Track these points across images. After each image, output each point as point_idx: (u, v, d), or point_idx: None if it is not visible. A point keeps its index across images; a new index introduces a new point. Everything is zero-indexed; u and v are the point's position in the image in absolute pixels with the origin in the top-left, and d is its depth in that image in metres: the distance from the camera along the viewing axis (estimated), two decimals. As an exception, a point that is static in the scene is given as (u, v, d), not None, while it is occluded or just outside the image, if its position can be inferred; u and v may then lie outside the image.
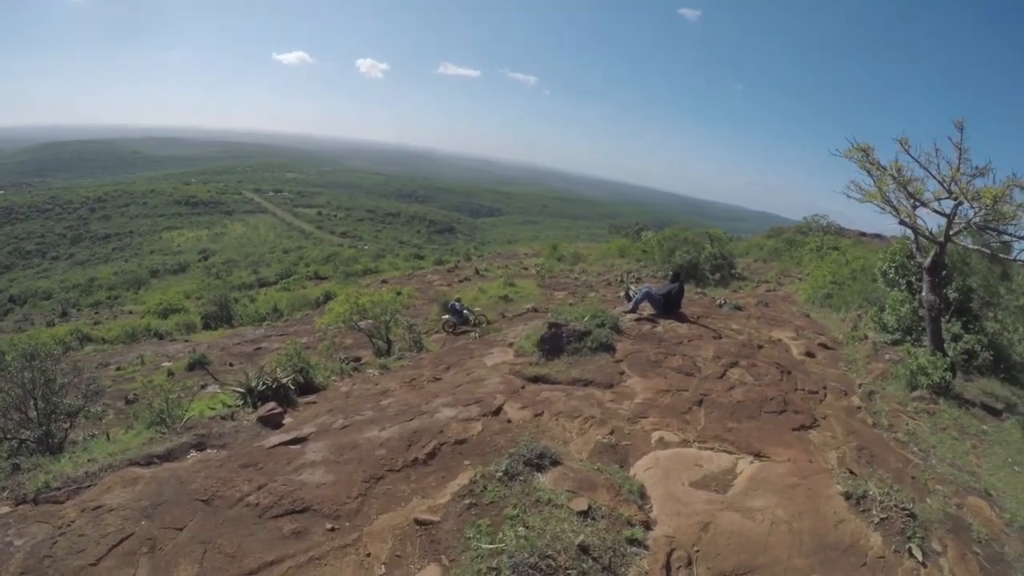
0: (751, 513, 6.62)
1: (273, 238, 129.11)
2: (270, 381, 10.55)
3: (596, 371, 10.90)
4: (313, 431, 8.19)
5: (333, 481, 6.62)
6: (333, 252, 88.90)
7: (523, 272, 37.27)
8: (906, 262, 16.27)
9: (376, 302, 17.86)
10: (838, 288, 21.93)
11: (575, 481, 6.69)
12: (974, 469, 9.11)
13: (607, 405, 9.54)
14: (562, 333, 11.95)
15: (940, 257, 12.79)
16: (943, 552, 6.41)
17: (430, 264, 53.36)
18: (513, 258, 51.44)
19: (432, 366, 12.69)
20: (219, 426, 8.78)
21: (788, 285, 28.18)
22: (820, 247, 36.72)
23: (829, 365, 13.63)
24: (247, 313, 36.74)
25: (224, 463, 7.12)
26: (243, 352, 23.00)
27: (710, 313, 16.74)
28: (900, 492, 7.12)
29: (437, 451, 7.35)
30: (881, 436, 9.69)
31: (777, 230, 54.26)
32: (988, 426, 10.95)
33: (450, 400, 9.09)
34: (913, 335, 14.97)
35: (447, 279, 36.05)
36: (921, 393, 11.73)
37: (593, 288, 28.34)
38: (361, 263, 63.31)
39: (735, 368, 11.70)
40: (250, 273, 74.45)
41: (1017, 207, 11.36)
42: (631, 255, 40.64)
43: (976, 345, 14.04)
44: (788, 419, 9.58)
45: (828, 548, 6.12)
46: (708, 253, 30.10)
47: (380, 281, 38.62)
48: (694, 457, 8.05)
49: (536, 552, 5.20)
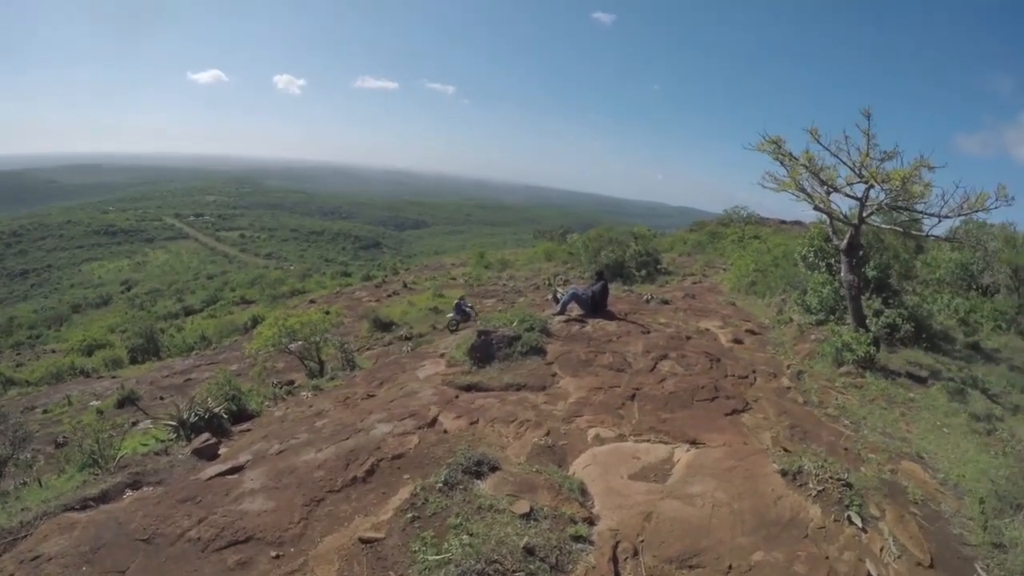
0: (691, 499, 6.69)
1: (196, 264, 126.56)
2: (202, 412, 10.29)
3: (528, 375, 10.89)
4: (249, 459, 8.00)
5: (274, 507, 6.47)
6: (258, 275, 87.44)
7: (451, 282, 37.13)
8: (824, 245, 16.73)
9: (305, 323, 17.55)
10: (761, 275, 22.33)
11: (515, 485, 6.66)
12: (905, 435, 9.39)
13: (541, 407, 9.53)
14: (492, 340, 11.92)
15: (855, 238, 13.17)
16: (881, 516, 6.59)
17: (358, 280, 52.67)
18: (440, 269, 51.26)
19: (365, 383, 12.55)
20: (153, 462, 8.52)
21: (713, 276, 28.59)
22: (742, 237, 37.35)
23: (757, 350, 13.88)
24: (174, 344, 35.72)
25: (161, 499, 6.90)
26: (173, 384, 22.36)
27: (638, 309, 16.88)
28: (834, 464, 7.31)
29: (376, 468, 7.23)
30: (812, 413, 9.91)
31: (699, 224, 54.98)
32: (915, 394, 11.29)
33: (385, 416, 8.97)
34: (836, 314, 15.35)
35: (375, 295, 35.73)
36: (848, 369, 12.04)
37: (522, 293, 28.39)
38: (287, 284, 62.15)
39: (665, 360, 11.79)
40: (175, 302, 72.42)
41: (925, 186, 11.74)
42: (558, 258, 40.81)
43: (897, 319, 14.45)
44: (720, 405, 9.71)
45: (770, 524, 6.22)
46: (633, 251, 30.33)
47: (308, 301, 38.13)
48: (631, 450, 8.09)
49: (482, 558, 5.17)
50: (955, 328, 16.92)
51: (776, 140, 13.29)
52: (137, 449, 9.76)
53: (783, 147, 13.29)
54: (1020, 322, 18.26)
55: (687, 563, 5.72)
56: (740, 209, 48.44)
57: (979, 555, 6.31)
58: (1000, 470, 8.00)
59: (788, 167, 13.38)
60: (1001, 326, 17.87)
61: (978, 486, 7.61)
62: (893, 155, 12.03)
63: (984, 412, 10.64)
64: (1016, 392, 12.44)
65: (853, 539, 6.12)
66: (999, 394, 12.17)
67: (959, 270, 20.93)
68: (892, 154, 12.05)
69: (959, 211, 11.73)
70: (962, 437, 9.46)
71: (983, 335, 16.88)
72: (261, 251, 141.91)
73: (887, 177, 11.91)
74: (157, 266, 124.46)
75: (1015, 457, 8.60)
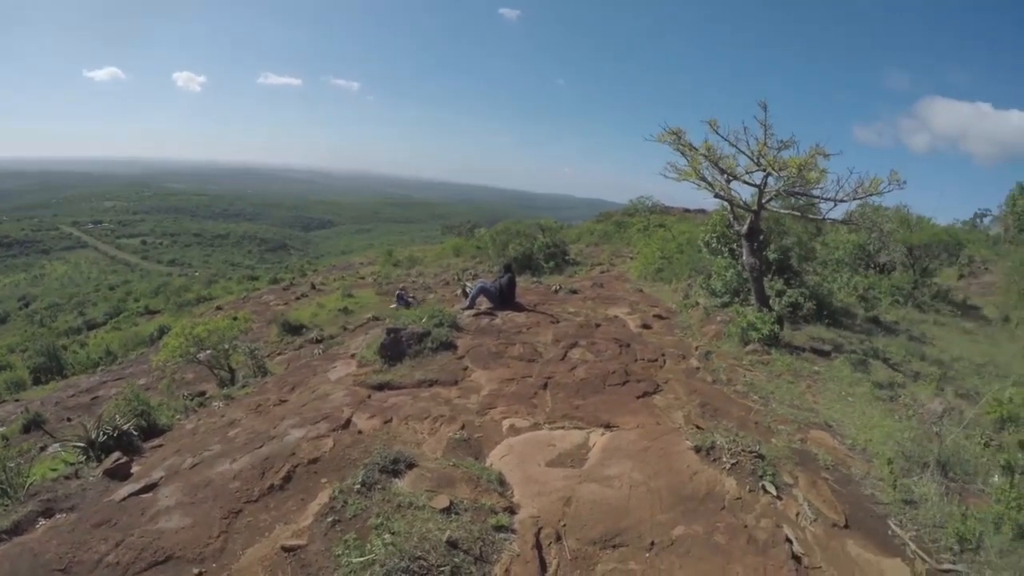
0: (609, 481, 6.70)
1: (97, 274, 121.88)
2: (111, 430, 9.84)
3: (440, 370, 10.83)
4: (163, 475, 7.68)
5: (192, 523, 6.20)
6: (162, 283, 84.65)
7: (360, 282, 36.74)
8: (726, 231, 17.14)
9: (213, 330, 17.05)
10: (667, 262, 22.78)
11: (433, 480, 6.58)
12: (812, 406, 9.65)
13: (455, 402, 9.48)
14: (402, 337, 11.81)
15: (755, 223, 13.56)
16: (795, 483, 6.76)
17: (265, 284, 51.57)
18: (349, 269, 50.75)
19: (277, 389, 12.27)
20: (64, 487, 8.09)
21: (620, 265, 29.04)
22: (647, 226, 38.00)
23: (665, 334, 14.10)
24: (79, 360, 34.30)
25: (76, 526, 6.56)
26: (80, 404, 21.36)
27: (547, 300, 17.00)
28: (746, 437, 7.44)
29: (292, 474, 7.04)
30: (722, 391, 10.06)
31: (606, 215, 55.74)
32: (819, 367, 11.65)
33: (298, 420, 8.75)
34: (740, 296, 15.74)
35: (283, 298, 35.06)
36: (754, 347, 12.31)
37: (431, 289, 28.28)
38: (193, 291, 60.54)
39: (575, 348, 11.87)
40: (76, 316, 69.50)
41: (821, 172, 12.15)
42: (466, 253, 40.83)
43: (799, 297, 14.90)
44: (632, 388, 9.80)
45: (687, 499, 6.28)
46: (541, 243, 30.56)
47: (215, 308, 37.13)
48: (546, 438, 8.09)
49: (406, 556, 5.08)
50: (855, 304, 17.58)
51: (676, 132, 13.58)
52: (47, 475, 9.26)
53: (683, 138, 13.60)
54: (916, 296, 19.11)
55: (610, 543, 5.73)
56: (645, 199, 49.38)
57: (891, 512, 6.52)
58: (905, 432, 8.26)
59: (689, 157, 13.70)
60: (898, 300, 18.68)
61: (885, 448, 7.85)
62: (790, 144, 12.47)
63: (886, 380, 11.09)
64: (915, 360, 12.97)
65: (769, 507, 6.23)
66: (899, 363, 12.67)
67: (857, 250, 21.82)
68: (789, 143, 12.48)
69: (854, 195, 12.18)
70: (867, 404, 9.79)
71: (882, 309, 17.61)
72: (164, 258, 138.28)
73: (784, 165, 12.30)
74: (56, 279, 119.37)
75: (918, 419, 8.90)
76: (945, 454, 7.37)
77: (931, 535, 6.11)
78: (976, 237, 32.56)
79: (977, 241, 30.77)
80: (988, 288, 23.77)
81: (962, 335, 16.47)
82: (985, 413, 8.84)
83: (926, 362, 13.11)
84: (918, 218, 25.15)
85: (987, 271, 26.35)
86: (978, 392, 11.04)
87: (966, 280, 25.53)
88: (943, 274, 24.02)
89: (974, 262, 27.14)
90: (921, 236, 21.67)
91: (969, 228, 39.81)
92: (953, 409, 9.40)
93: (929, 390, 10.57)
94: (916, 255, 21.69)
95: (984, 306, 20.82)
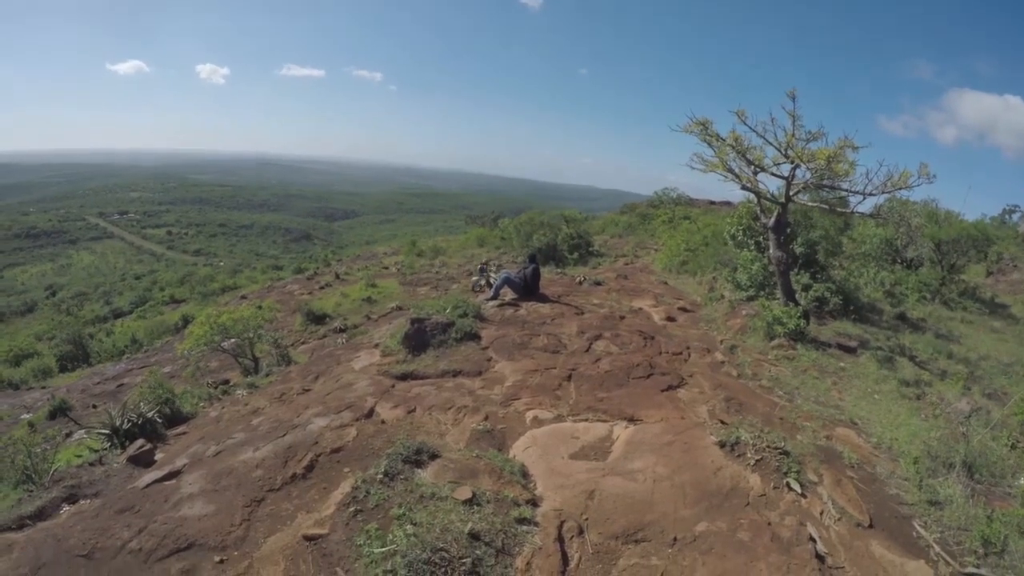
0: (633, 475, 6.68)
1: (123, 264, 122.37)
2: (135, 417, 9.91)
3: (463, 360, 10.82)
4: (186, 463, 7.73)
5: (214, 511, 6.23)
6: (188, 272, 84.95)
7: (384, 272, 36.70)
8: (752, 224, 17.05)
9: (237, 319, 17.07)
10: (692, 254, 22.68)
11: (456, 471, 6.58)
12: (837, 403, 9.60)
13: (478, 392, 9.47)
14: (426, 327, 11.81)
15: (783, 216, 13.46)
16: (820, 481, 6.72)
17: (289, 274, 51.65)
18: (373, 259, 50.72)
19: (301, 378, 12.30)
20: (89, 474, 8.17)
21: (645, 257, 28.95)
22: (672, 218, 37.89)
23: (690, 327, 14.05)
24: (105, 349, 34.36)
25: (99, 512, 6.61)
26: (106, 391, 21.51)
27: (571, 291, 16.93)
28: (771, 433, 7.40)
29: (315, 463, 7.05)
30: (746, 385, 10.04)
31: (630, 206, 55.44)
32: (845, 363, 11.58)
33: (321, 409, 8.78)
34: (766, 290, 15.65)
35: (307, 287, 35.06)
36: (779, 341, 12.25)
37: (455, 280, 28.21)
38: (218, 281, 60.75)
39: (600, 340, 11.85)
40: (103, 305, 69.87)
41: (850, 165, 12.04)
42: (490, 243, 40.70)
43: (825, 292, 14.80)
44: (656, 382, 9.76)
45: (711, 495, 6.25)
46: (565, 234, 30.46)
47: (239, 297, 37.17)
48: (570, 430, 8.08)
49: (428, 547, 5.08)
50: (882, 300, 17.43)
51: (703, 122, 13.47)
52: (71, 461, 9.36)
53: (710, 128, 13.49)
54: (943, 293, 18.90)
55: (632, 538, 5.71)
56: (670, 191, 49.19)
57: (916, 513, 6.49)
58: (931, 432, 8.22)
59: (715, 148, 13.59)
60: (925, 297, 18.49)
61: (911, 448, 7.82)
62: (818, 135, 12.38)
63: (913, 378, 10.99)
64: (942, 358, 12.84)
65: (793, 504, 6.20)
66: (926, 361, 12.55)
67: (884, 245, 21.60)
68: (817, 135, 12.38)
69: (883, 189, 12.05)
70: (893, 402, 9.73)
71: (909, 306, 17.43)
72: (189, 248, 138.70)
73: (812, 156, 12.20)
74: (82, 268, 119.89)
75: (945, 419, 8.86)
76: (972, 455, 7.32)
77: (955, 537, 6.06)
78: (1005, 233, 32.06)
79: (1006, 237, 30.29)
80: (1016, 286, 23.47)
81: (990, 334, 16.29)
82: (1013, 414, 8.78)
83: (953, 360, 12.99)
84: (946, 213, 24.85)
85: (1016, 268, 25.96)
86: (1005, 392, 10.95)
87: (994, 277, 25.19)
88: (971, 271, 23.75)
89: (1003, 259, 26.76)
90: (949, 231, 21.43)
91: (998, 224, 39.25)
92: (980, 409, 9.32)
93: (956, 389, 10.47)
94: (944, 251, 21.46)
95: (1013, 304, 20.54)
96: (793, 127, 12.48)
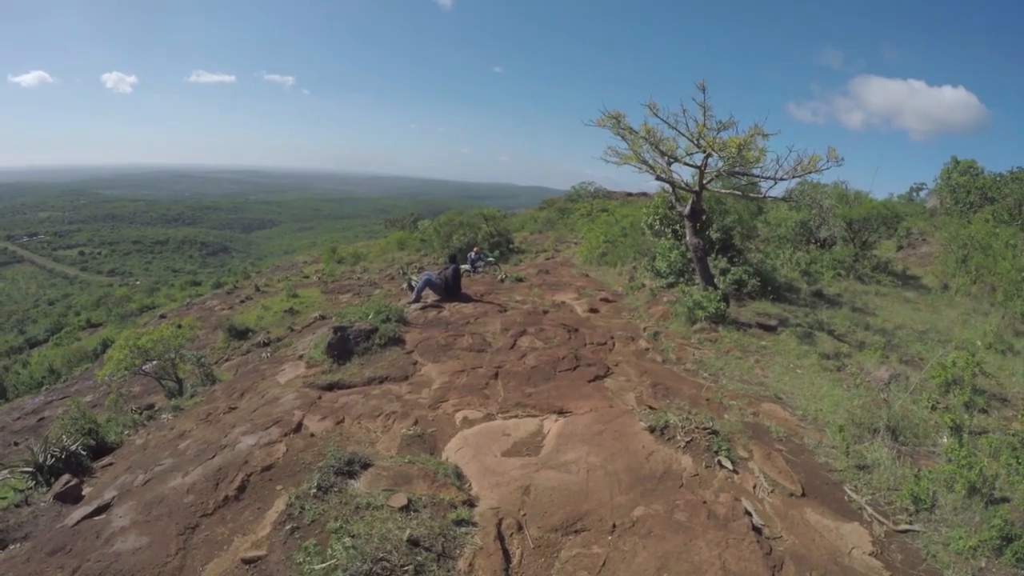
0: (566, 467, 6.69)
1: (36, 289, 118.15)
2: (59, 452, 9.48)
3: (389, 366, 10.72)
4: (115, 495, 7.44)
5: (148, 543, 6.00)
6: (103, 294, 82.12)
7: (305, 281, 36.28)
8: (668, 213, 17.33)
9: (157, 340, 16.56)
10: (612, 246, 22.92)
11: (390, 479, 6.49)
12: (761, 380, 9.81)
13: (406, 397, 9.38)
14: (349, 335, 11.65)
15: (697, 204, 13.70)
16: (750, 456, 6.89)
17: (208, 289, 50.59)
18: (293, 268, 50.10)
19: (226, 396, 12.01)
20: (16, 516, 7.81)
21: (565, 251, 29.19)
22: (590, 211, 38.20)
23: (613, 317, 14.20)
24: (21, 381, 33.08)
25: (31, 556, 6.31)
26: (26, 426, 20.64)
27: (493, 289, 16.99)
28: (699, 415, 7.50)
29: (246, 483, 6.86)
30: (672, 370, 10.18)
31: (549, 201, 55.92)
32: (766, 341, 11.84)
33: (249, 427, 8.57)
34: (685, 276, 15.91)
35: (228, 302, 34.42)
36: (701, 325, 12.47)
37: (377, 285, 28.02)
38: (135, 301, 59.08)
39: (524, 336, 11.90)
40: (16, 335, 67.12)
41: (760, 152, 12.32)
42: (411, 246, 40.57)
43: (743, 275, 15.10)
44: (583, 373, 9.83)
45: (645, 479, 6.31)
46: (485, 232, 30.55)
47: (158, 316, 36.32)
48: (500, 428, 8.07)
49: (368, 558, 5.00)
50: (798, 279, 17.85)
51: (616, 116, 13.60)
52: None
53: (623, 122, 13.62)
54: (857, 269, 19.49)
55: (572, 529, 5.72)
56: (587, 184, 49.81)
57: (846, 479, 6.70)
58: (854, 400, 8.47)
59: (629, 141, 13.71)
60: (840, 273, 19.03)
61: (835, 417, 8.05)
62: (729, 125, 12.63)
63: (832, 351, 11.28)
64: (860, 330, 13.19)
65: (726, 481, 6.32)
66: (844, 334, 12.88)
67: (798, 227, 22.17)
68: (728, 124, 12.64)
69: (793, 173, 12.34)
70: (815, 375, 9.99)
71: (824, 283, 17.91)
72: (104, 268, 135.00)
73: (724, 145, 12.43)
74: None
75: (866, 387, 9.11)
76: (894, 419, 7.55)
77: (886, 498, 6.25)
78: (913, 210, 33.28)
79: (914, 214, 31.47)
80: (926, 258, 24.32)
81: (903, 304, 16.79)
82: (930, 378, 9.03)
83: (870, 331, 13.34)
84: (856, 193, 25.89)
85: (925, 242, 26.93)
86: (922, 358, 11.28)
87: (905, 251, 26.09)
88: (882, 246, 24.57)
89: (912, 234, 27.75)
90: (860, 211, 22.08)
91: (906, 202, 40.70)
92: (899, 375, 9.58)
93: (875, 358, 10.73)
94: (855, 229, 22.13)
95: (923, 275, 21.31)
96: (704, 118, 12.66)
